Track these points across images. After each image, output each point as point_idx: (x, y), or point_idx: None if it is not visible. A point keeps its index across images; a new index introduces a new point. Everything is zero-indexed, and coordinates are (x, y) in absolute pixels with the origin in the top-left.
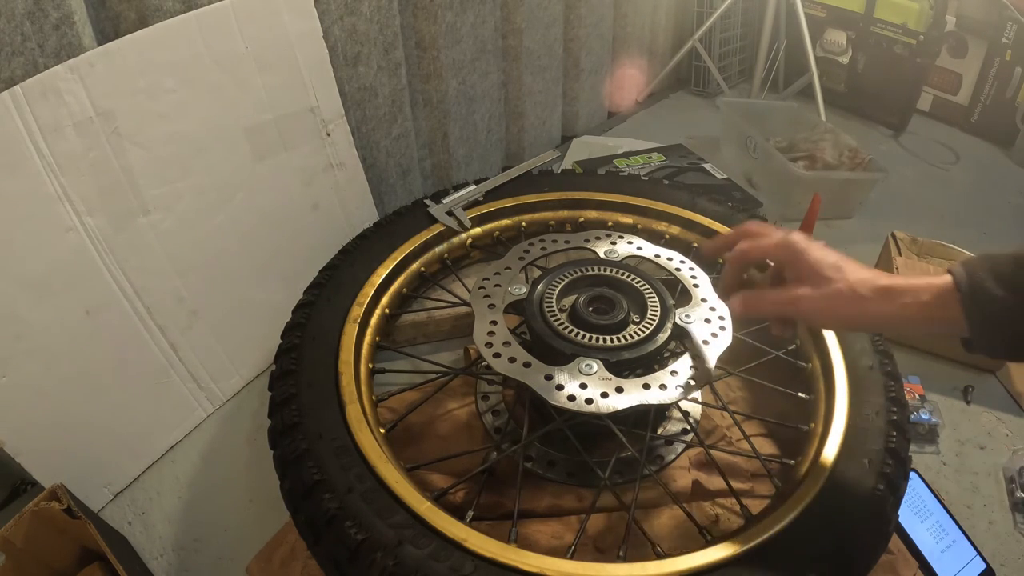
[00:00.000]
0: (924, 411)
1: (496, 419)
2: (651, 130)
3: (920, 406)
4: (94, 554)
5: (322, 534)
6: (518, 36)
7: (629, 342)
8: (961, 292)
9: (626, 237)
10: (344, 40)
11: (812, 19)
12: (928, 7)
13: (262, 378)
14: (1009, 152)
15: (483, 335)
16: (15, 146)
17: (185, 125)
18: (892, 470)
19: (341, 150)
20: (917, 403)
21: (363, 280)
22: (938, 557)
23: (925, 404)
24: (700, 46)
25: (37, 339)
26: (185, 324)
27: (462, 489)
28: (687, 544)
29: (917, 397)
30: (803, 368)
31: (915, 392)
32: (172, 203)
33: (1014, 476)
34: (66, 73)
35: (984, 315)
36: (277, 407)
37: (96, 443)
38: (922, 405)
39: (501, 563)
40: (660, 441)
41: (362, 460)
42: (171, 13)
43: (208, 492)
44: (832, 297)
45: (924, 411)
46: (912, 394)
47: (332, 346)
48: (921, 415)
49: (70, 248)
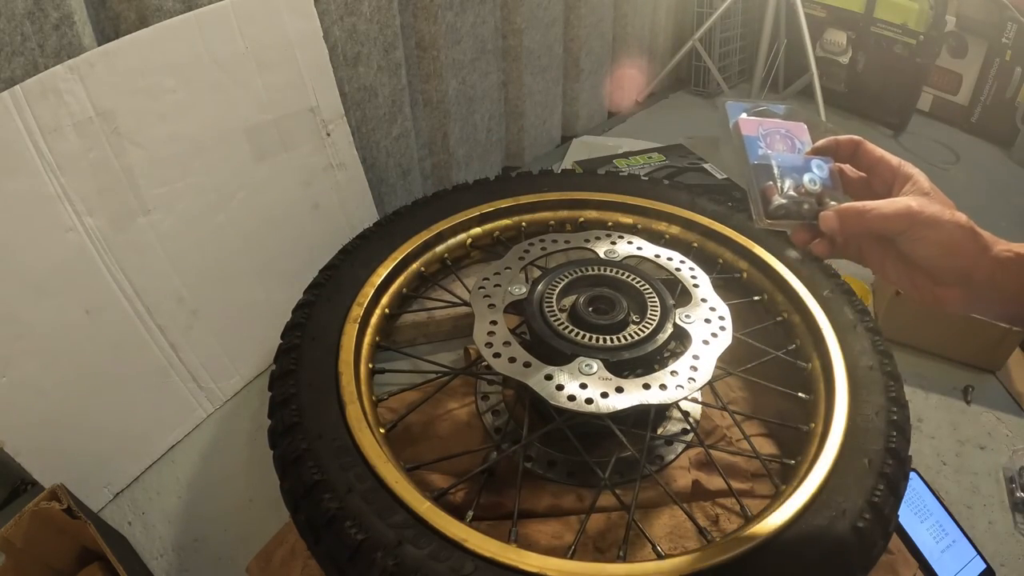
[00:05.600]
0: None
1: (496, 419)
2: (651, 130)
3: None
4: (94, 554)
5: (322, 534)
6: (518, 36)
7: (629, 342)
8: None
9: (626, 237)
10: (344, 40)
11: (812, 19)
12: (928, 7)
13: (262, 378)
14: (1009, 152)
15: (483, 335)
16: (15, 146)
17: (185, 125)
18: (892, 470)
19: (341, 150)
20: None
21: (363, 280)
22: (938, 557)
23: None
24: (700, 46)
25: (37, 339)
26: (185, 324)
27: (462, 489)
28: (687, 544)
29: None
30: (803, 368)
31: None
32: (172, 203)
33: (1014, 476)
34: (66, 73)
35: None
36: (277, 407)
37: (96, 443)
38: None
39: (501, 563)
40: (660, 441)
41: (362, 460)
42: (171, 13)
43: (208, 492)
44: (961, 222)
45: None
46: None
47: (332, 346)
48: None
49: (70, 248)
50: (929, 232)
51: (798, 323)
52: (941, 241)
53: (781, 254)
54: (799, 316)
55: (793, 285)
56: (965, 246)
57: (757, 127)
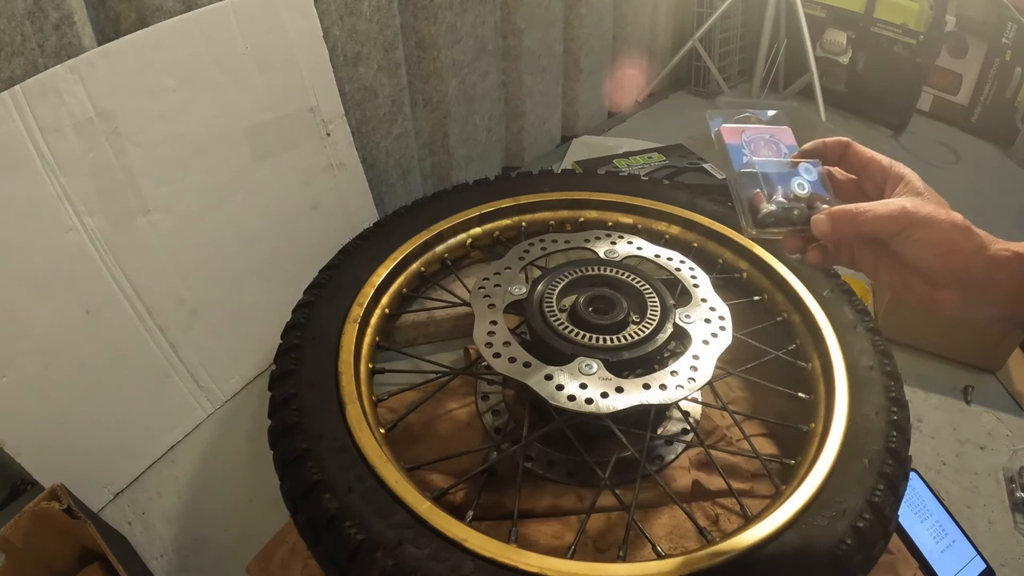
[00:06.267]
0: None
1: (496, 419)
2: (651, 130)
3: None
4: (94, 554)
5: (322, 534)
6: (518, 36)
7: (629, 342)
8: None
9: (626, 237)
10: (344, 40)
11: (812, 19)
12: (928, 7)
13: (262, 378)
14: (1009, 152)
15: (483, 335)
16: (15, 146)
17: (185, 125)
18: (892, 470)
19: (341, 150)
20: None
21: (363, 280)
22: (938, 557)
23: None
24: (700, 46)
25: (37, 339)
26: (185, 324)
27: (462, 489)
28: (687, 544)
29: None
30: (803, 368)
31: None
32: (172, 203)
33: (1014, 476)
34: (66, 73)
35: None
36: (277, 407)
37: (96, 443)
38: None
39: (501, 563)
40: (660, 441)
41: (362, 460)
42: (171, 13)
43: (208, 492)
44: (957, 221)
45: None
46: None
47: (332, 346)
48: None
49: (70, 248)
50: (924, 233)
51: (798, 323)
52: (937, 241)
53: (781, 254)
54: (799, 316)
55: (793, 285)
56: (961, 246)
57: (740, 134)
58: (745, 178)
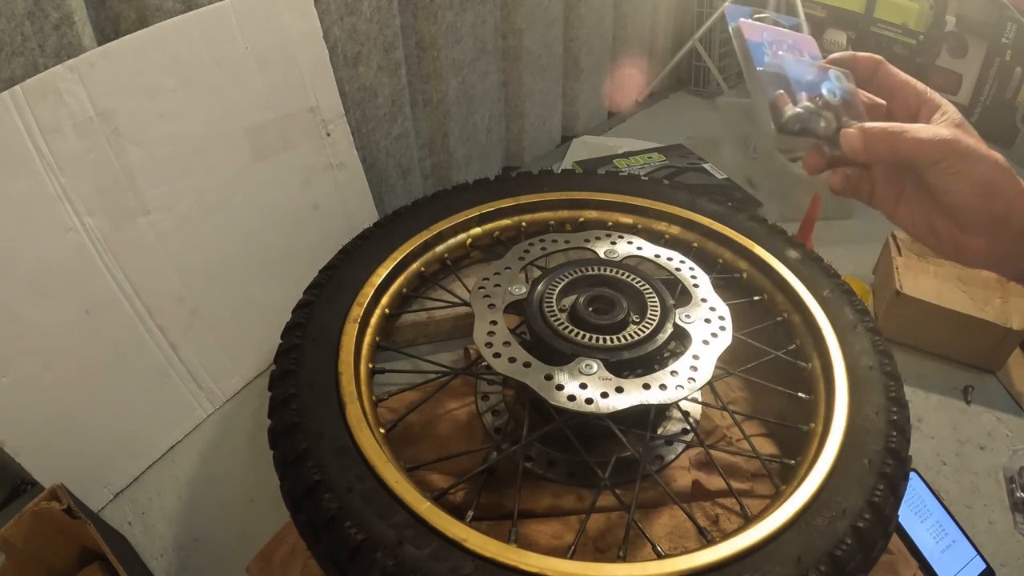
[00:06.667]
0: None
1: (496, 419)
2: (651, 130)
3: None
4: (94, 554)
5: (322, 534)
6: (518, 36)
7: (629, 342)
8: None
9: (626, 237)
10: (344, 40)
11: (812, 19)
12: (928, 7)
13: (262, 378)
14: (1009, 152)
15: (483, 335)
16: (15, 146)
17: (185, 125)
18: (892, 470)
19: (341, 150)
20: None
21: (363, 280)
22: (938, 557)
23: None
24: (700, 46)
25: (37, 339)
26: (185, 324)
27: (462, 489)
28: (687, 544)
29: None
30: (803, 368)
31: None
32: (172, 203)
33: (1014, 476)
34: (66, 73)
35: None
36: (277, 407)
37: (96, 443)
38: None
39: (501, 563)
40: (660, 441)
41: (362, 460)
42: (171, 13)
43: (208, 492)
44: (1000, 161)
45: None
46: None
47: (332, 346)
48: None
49: (70, 248)
50: (966, 165)
51: (798, 323)
52: (978, 177)
53: (781, 254)
54: (799, 316)
55: (793, 285)
56: (1004, 187)
57: (762, 32)
58: (768, 78)
